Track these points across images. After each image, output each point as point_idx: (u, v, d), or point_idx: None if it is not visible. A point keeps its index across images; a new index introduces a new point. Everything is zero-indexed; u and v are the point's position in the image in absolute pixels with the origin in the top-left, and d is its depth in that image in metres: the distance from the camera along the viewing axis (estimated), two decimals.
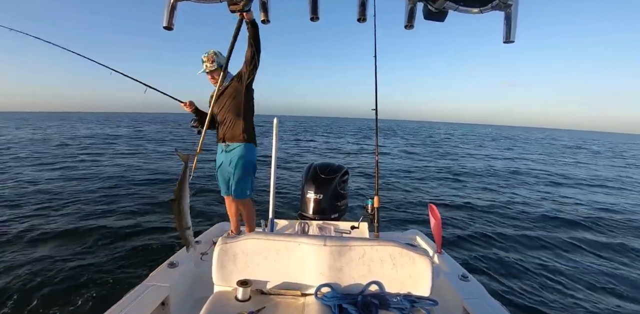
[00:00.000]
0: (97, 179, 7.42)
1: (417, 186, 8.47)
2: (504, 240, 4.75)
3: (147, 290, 1.67)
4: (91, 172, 8.29)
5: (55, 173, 8.02)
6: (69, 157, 10.61)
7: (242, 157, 2.42)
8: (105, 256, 3.59)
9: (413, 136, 32.19)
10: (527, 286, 3.47)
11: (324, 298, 1.25)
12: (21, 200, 5.56)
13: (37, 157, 10.53)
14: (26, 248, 3.73)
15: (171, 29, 1.19)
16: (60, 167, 8.92)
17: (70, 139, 16.88)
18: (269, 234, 1.37)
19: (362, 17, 1.20)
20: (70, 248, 3.77)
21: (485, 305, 1.67)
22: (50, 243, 3.89)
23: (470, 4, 1.08)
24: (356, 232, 2.58)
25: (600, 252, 4.52)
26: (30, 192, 6.07)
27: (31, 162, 9.59)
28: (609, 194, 8.78)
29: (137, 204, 5.55)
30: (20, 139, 16.37)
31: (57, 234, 4.12)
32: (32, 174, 7.83)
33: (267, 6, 1.31)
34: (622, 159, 20.41)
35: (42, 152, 11.84)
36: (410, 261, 1.29)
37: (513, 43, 1.14)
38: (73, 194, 6.09)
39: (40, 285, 2.97)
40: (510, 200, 7.40)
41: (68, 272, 3.21)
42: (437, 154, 16.67)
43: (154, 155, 11.77)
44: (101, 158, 10.71)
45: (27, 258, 3.46)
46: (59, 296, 2.83)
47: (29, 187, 6.52)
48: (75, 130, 24.26)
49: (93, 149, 13.18)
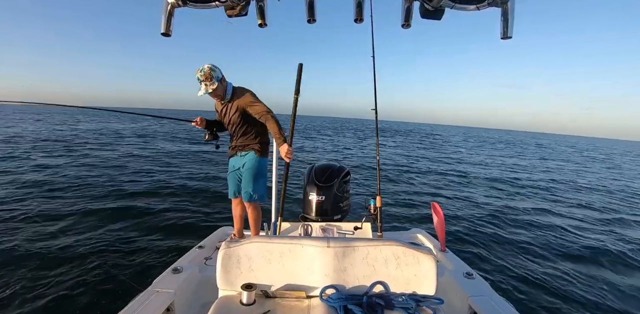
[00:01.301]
0: (95, 180, 7.43)
1: (419, 185, 8.47)
2: (507, 237, 4.74)
3: (151, 296, 1.66)
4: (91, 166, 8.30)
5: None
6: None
7: (255, 161, 2.48)
8: (109, 263, 3.59)
9: (413, 136, 32.21)
10: (532, 282, 3.46)
11: (329, 300, 1.24)
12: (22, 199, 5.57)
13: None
14: (28, 249, 3.73)
15: (169, 35, 1.19)
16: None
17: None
18: (272, 237, 1.37)
19: (358, 17, 1.20)
20: (72, 254, 3.76)
21: (491, 302, 1.67)
22: (51, 247, 3.88)
23: (466, 1, 1.08)
24: (359, 233, 2.58)
25: (606, 253, 4.50)
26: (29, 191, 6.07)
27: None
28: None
29: (138, 211, 5.54)
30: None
31: (57, 237, 4.11)
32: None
33: (264, 10, 1.31)
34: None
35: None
36: (415, 260, 1.28)
37: (511, 39, 1.14)
38: (75, 194, 6.09)
39: (40, 292, 2.95)
40: (513, 198, 7.40)
41: (70, 280, 3.20)
42: (436, 155, 16.67)
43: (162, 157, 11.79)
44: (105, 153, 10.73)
45: (28, 262, 3.45)
46: (61, 304, 2.82)
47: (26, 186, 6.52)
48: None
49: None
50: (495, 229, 5.08)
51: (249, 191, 2.49)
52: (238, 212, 2.71)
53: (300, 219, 2.74)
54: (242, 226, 2.75)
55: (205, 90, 2.25)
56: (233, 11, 1.25)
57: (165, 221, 5.02)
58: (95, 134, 18.33)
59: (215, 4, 1.18)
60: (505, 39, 1.16)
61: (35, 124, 23.97)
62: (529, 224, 5.46)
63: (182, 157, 10.79)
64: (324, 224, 2.60)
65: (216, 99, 2.41)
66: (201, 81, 2.23)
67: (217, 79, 2.25)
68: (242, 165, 2.52)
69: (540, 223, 5.52)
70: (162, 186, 7.40)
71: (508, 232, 4.96)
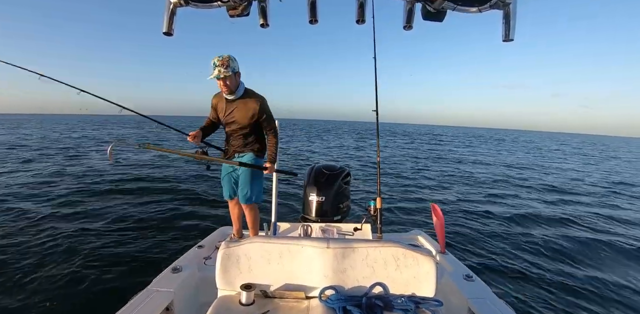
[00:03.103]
0: (97, 179, 7.44)
1: (419, 186, 8.46)
2: (508, 240, 4.73)
3: (151, 295, 1.66)
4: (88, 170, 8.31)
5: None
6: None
7: (253, 162, 2.42)
8: (109, 262, 3.59)
9: (412, 137, 32.20)
10: (532, 285, 3.45)
11: (328, 301, 1.24)
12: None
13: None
14: (26, 247, 3.73)
15: (171, 34, 1.19)
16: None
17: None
18: (272, 238, 1.36)
19: (360, 18, 1.20)
20: (71, 253, 3.76)
21: (490, 305, 1.66)
22: (50, 246, 3.88)
23: (468, 3, 1.07)
24: (359, 234, 2.58)
25: (609, 255, 4.49)
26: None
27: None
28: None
29: (137, 210, 5.55)
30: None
31: (56, 236, 4.11)
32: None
33: (266, 11, 1.31)
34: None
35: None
36: (414, 262, 1.28)
37: (512, 41, 1.14)
38: (74, 193, 6.10)
39: (39, 292, 2.95)
40: (512, 200, 7.38)
41: (69, 279, 3.20)
42: (437, 155, 16.66)
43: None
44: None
45: (29, 261, 3.45)
46: (60, 303, 2.82)
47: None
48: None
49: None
50: (495, 231, 5.07)
51: (247, 192, 2.42)
52: (236, 212, 2.66)
53: (300, 219, 2.74)
54: (241, 226, 2.73)
55: (218, 74, 2.13)
56: (235, 11, 1.25)
57: (165, 220, 5.03)
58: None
59: (217, 4, 1.18)
60: (507, 42, 1.16)
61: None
62: (531, 227, 5.44)
63: (180, 159, 10.78)
64: (324, 224, 2.60)
65: (224, 90, 2.25)
66: (216, 65, 2.13)
67: (232, 70, 2.16)
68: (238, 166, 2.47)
69: (543, 226, 5.51)
70: (161, 185, 7.42)
71: (509, 234, 4.95)
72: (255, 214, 2.58)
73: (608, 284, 3.56)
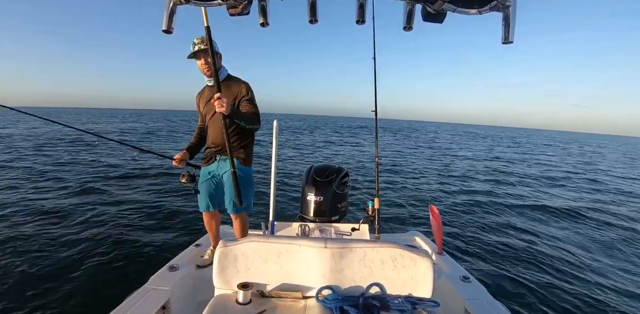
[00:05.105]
0: (96, 179, 7.42)
1: (418, 187, 8.47)
2: (506, 241, 4.74)
3: (147, 294, 1.66)
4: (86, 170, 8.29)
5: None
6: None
7: (239, 165, 2.11)
8: (104, 260, 3.58)
9: (412, 136, 32.25)
10: (530, 287, 3.46)
11: (325, 301, 1.24)
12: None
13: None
14: (24, 246, 3.72)
15: (170, 32, 1.19)
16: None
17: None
18: (270, 237, 1.36)
19: (360, 19, 1.20)
20: (66, 250, 3.75)
21: (487, 306, 1.67)
22: (47, 244, 3.87)
23: (468, 5, 1.08)
24: (357, 234, 2.58)
25: (610, 254, 4.52)
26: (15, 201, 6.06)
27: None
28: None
29: (134, 208, 5.54)
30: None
31: (53, 235, 4.10)
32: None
33: (266, 9, 1.31)
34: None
35: None
36: (411, 263, 1.28)
37: (512, 43, 1.14)
38: (71, 192, 6.08)
39: (36, 290, 2.94)
40: (512, 200, 7.40)
41: (65, 277, 3.19)
42: (436, 155, 16.69)
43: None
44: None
45: (23, 258, 3.44)
46: (56, 301, 2.81)
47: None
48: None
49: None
50: (493, 232, 5.09)
51: (235, 200, 2.00)
52: (214, 226, 2.34)
53: (297, 219, 2.73)
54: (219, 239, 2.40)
55: (194, 49, 1.97)
56: (235, 10, 1.25)
57: (162, 219, 5.02)
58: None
59: (217, 2, 1.18)
60: (507, 44, 1.16)
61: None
62: (529, 228, 5.46)
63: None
64: (322, 224, 2.60)
65: (204, 69, 2.04)
66: (196, 44, 1.97)
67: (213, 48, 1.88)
68: (222, 172, 2.16)
69: (540, 228, 5.52)
70: (158, 183, 7.41)
71: (506, 236, 4.97)
72: (245, 222, 2.27)
73: (607, 286, 3.58)
